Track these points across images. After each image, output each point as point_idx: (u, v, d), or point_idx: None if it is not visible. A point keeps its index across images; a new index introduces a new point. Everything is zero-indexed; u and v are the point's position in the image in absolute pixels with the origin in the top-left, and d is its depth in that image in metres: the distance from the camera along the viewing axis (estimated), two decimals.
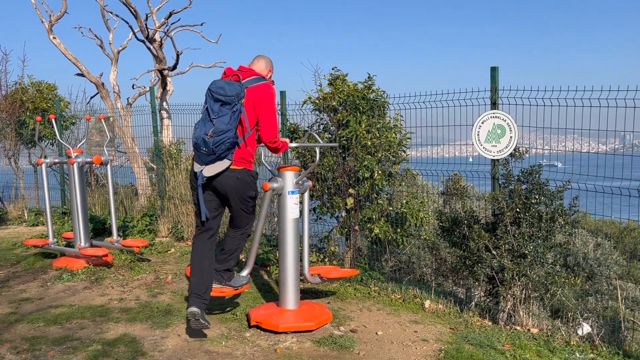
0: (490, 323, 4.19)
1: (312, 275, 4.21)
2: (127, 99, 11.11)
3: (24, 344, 3.64)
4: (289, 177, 3.93)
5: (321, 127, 6.21)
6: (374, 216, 5.63)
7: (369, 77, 5.94)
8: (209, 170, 3.54)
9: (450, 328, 4.03)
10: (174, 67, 9.88)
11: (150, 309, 4.39)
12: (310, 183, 4.14)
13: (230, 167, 3.58)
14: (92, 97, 12.18)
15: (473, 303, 4.43)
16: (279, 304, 4.03)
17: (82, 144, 5.72)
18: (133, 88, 12.69)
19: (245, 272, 3.95)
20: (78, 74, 11.90)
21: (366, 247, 6.53)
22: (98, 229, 7.33)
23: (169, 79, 11.44)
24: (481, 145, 4.29)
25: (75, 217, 5.54)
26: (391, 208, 5.83)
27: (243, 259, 5.80)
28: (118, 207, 8.35)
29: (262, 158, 4.32)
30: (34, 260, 5.95)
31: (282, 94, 5.88)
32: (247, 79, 3.65)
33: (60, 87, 12.24)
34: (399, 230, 5.70)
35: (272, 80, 3.88)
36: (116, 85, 12.18)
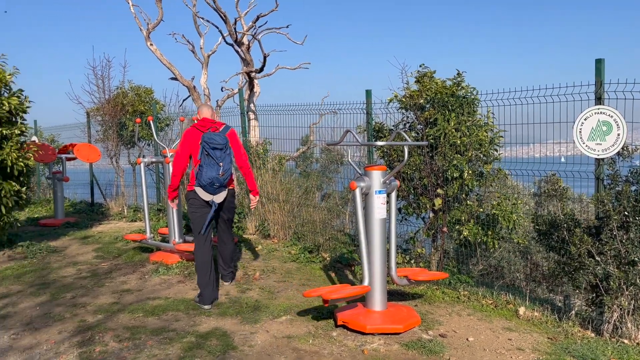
0: (592, 334, 3.89)
1: (399, 277, 4.13)
2: (217, 101, 11.54)
3: (126, 333, 3.86)
4: (376, 176, 3.87)
5: (407, 125, 6.09)
6: (463, 217, 5.43)
7: (458, 74, 5.74)
8: (219, 198, 4.67)
9: (549, 338, 3.78)
10: (261, 69, 10.14)
11: (240, 305, 4.51)
12: (397, 182, 4.06)
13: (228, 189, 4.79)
14: (184, 100, 12.79)
15: (573, 312, 4.14)
16: (365, 304, 3.99)
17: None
18: (222, 90, 13.17)
19: (366, 282, 3.87)
20: (172, 78, 12.54)
21: (452, 249, 6.33)
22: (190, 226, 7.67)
23: (255, 80, 11.76)
24: (583, 143, 4.00)
25: (170, 214, 5.82)
26: (481, 209, 5.60)
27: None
28: None
29: (348, 158, 4.29)
30: (133, 254, 6.33)
31: (367, 92, 5.82)
32: (222, 128, 4.76)
33: (156, 90, 13.02)
34: (489, 232, 5.46)
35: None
36: (206, 88, 12.70)
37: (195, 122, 4.76)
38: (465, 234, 5.44)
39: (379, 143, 3.73)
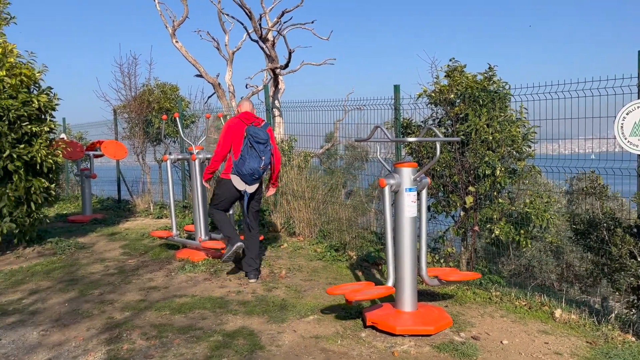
0: (634, 339, 3.72)
1: (430, 277, 4.01)
2: (241, 98, 11.55)
3: (153, 331, 3.84)
4: (406, 174, 3.77)
5: (435, 121, 5.96)
6: (495, 216, 5.28)
7: (489, 68, 5.58)
8: (252, 189, 4.99)
9: (587, 342, 3.63)
10: (286, 65, 10.10)
11: (266, 303, 4.45)
12: (428, 180, 3.95)
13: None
14: (209, 97, 12.82)
15: (613, 315, 3.97)
16: (395, 305, 3.89)
17: (202, 141, 5.98)
18: (246, 87, 13.16)
19: (390, 282, 3.79)
20: (197, 75, 12.58)
21: (481, 248, 6.17)
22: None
23: (280, 77, 11.71)
24: (625, 139, 3.81)
25: (196, 211, 5.80)
26: (513, 207, 5.43)
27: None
28: None
29: (378, 154, 4.19)
30: (159, 251, 6.34)
31: (395, 87, 5.70)
32: (263, 124, 5.02)
33: (181, 87, 13.13)
34: (522, 231, 5.30)
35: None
36: (231, 85, 12.69)
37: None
38: (497, 232, 5.29)
39: (410, 139, 3.61)
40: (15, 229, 5.98)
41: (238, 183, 4.90)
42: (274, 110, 9.91)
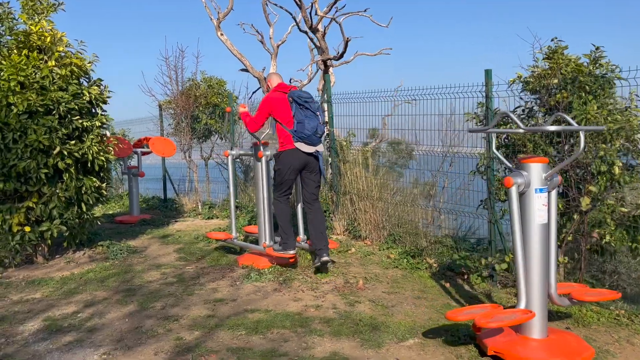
0: None
1: (559, 295, 3.33)
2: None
3: (231, 357, 3.28)
4: (536, 171, 3.10)
5: (525, 111, 5.25)
6: (607, 219, 4.55)
7: (596, 48, 4.84)
8: (321, 147, 4.85)
9: None
10: (341, 56, 9.46)
11: (353, 321, 3.85)
12: (560, 178, 3.27)
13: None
14: (253, 93, 12.32)
15: None
16: (519, 330, 3.22)
17: (265, 135, 5.40)
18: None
19: (522, 304, 3.12)
20: (242, 69, 12.06)
21: (583, 256, 5.42)
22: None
23: (330, 69, 11.08)
24: None
25: (261, 213, 5.24)
26: (626, 209, 4.69)
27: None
28: None
29: (493, 147, 3.51)
30: (218, 256, 5.81)
31: (487, 72, 4.99)
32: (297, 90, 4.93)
33: (226, 82, 12.71)
34: (638, 237, 4.56)
35: None
36: None
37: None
38: (607, 239, 4.56)
39: (551, 127, 2.93)
40: (66, 231, 5.53)
41: (305, 147, 4.76)
42: (323, 104, 9.30)
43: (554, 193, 3.25)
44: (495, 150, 3.46)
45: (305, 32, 11.27)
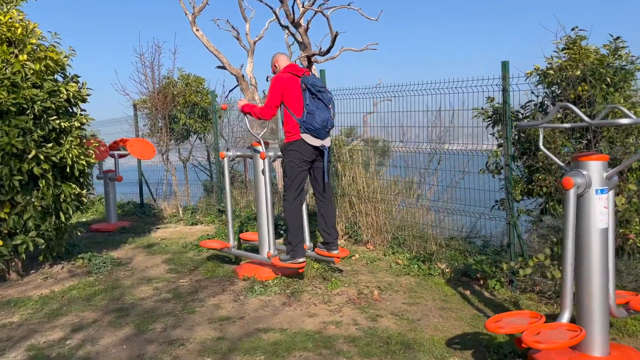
0: None
1: (617, 305, 3.03)
2: (263, 91, 10.62)
3: None
4: (597, 170, 2.79)
5: (537, 106, 4.99)
6: (636, 218, 4.32)
7: (615, 39, 4.61)
8: (328, 142, 4.53)
9: None
10: (328, 51, 9.06)
11: (381, 339, 3.47)
12: (617, 178, 2.97)
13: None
14: (230, 91, 11.85)
15: None
16: (577, 347, 2.91)
17: (264, 133, 4.96)
18: (267, 80, 12.14)
19: (565, 317, 2.80)
20: (219, 67, 11.54)
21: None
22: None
23: (314, 66, 10.68)
24: None
25: (264, 220, 4.80)
26: None
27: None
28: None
29: (541, 144, 3.19)
30: (212, 266, 5.34)
31: (504, 65, 4.68)
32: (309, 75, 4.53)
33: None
34: None
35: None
36: (253, 77, 11.69)
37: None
38: (633, 239, 4.34)
39: (623, 121, 2.60)
40: (42, 244, 4.96)
41: (312, 140, 4.42)
42: None
43: (611, 194, 2.94)
44: (542, 147, 3.14)
45: (287, 27, 10.84)
